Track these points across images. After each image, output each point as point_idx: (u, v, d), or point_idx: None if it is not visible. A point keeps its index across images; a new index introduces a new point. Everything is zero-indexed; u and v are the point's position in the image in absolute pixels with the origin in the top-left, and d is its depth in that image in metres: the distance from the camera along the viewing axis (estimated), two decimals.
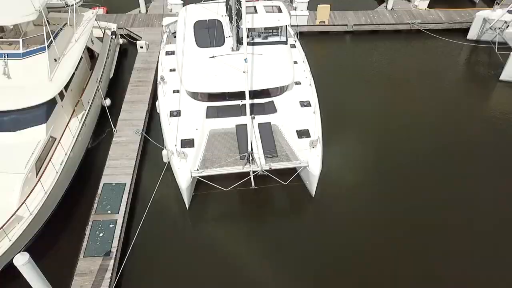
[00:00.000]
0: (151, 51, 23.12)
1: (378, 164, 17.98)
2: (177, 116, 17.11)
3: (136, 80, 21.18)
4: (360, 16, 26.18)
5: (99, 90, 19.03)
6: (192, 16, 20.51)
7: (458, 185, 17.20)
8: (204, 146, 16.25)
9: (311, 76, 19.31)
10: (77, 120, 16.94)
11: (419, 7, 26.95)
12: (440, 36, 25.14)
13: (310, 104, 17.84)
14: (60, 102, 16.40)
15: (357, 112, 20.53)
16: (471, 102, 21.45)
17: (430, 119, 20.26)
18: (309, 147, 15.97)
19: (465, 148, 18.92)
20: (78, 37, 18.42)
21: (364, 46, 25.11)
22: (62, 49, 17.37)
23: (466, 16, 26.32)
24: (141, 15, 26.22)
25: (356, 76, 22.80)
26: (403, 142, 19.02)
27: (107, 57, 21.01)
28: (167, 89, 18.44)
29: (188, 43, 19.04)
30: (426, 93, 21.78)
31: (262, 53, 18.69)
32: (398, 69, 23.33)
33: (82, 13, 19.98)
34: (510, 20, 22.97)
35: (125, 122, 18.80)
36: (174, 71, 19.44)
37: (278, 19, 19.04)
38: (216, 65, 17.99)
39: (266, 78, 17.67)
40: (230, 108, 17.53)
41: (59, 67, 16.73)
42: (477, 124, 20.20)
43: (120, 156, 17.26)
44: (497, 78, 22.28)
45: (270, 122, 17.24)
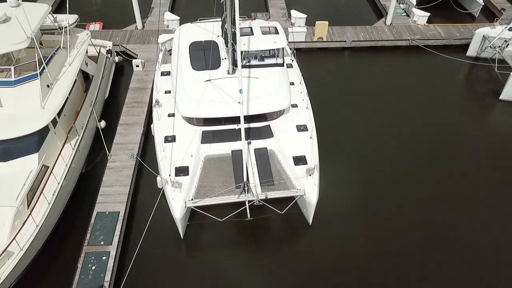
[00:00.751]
0: (147, 69, 22.86)
1: (376, 190, 17.72)
2: (171, 141, 16.86)
3: (131, 101, 20.93)
4: (359, 32, 25.91)
5: (93, 113, 18.80)
6: (188, 37, 20.26)
7: (457, 211, 16.98)
8: (199, 173, 16.00)
9: (308, 99, 19.05)
10: (70, 146, 16.68)
11: (418, 23, 26.65)
12: (440, 52, 24.84)
13: (307, 129, 17.58)
14: (53, 129, 16.14)
15: (354, 134, 20.25)
16: (471, 121, 21.18)
17: (429, 140, 19.99)
18: (306, 175, 15.76)
19: (465, 169, 18.71)
20: (72, 60, 18.15)
21: (362, 63, 24.84)
22: (55, 74, 17.11)
23: (465, 32, 26.05)
24: (138, 31, 25.96)
25: (354, 94, 22.51)
26: (401, 165, 18.75)
27: (102, 77, 20.75)
28: (162, 112, 18.19)
29: (183, 66, 18.77)
30: (425, 113, 21.49)
31: (258, 76, 18.43)
32: (397, 87, 23.04)
33: (77, 34, 19.70)
34: (510, 38, 22.70)
35: (119, 146, 18.56)
36: (169, 93, 19.21)
37: (274, 41, 18.78)
38: (212, 89, 17.76)
39: (262, 103, 17.40)
40: (225, 133, 17.29)
41: (52, 93, 16.48)
42: (477, 144, 19.95)
43: (114, 183, 17.02)
44: (496, 97, 21.99)
45: (267, 147, 16.99)
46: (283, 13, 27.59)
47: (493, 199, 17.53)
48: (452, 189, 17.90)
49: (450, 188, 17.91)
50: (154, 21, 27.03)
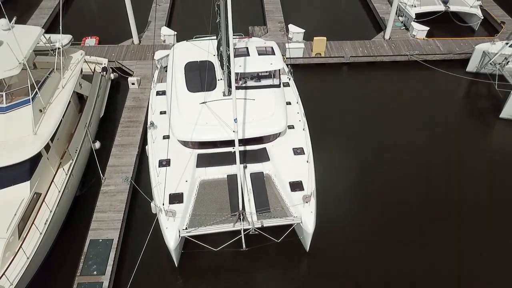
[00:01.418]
0: (143, 87, 22.62)
1: (375, 215, 17.44)
2: (166, 166, 16.58)
3: (126, 120, 20.68)
4: (357, 47, 25.64)
5: (87, 134, 18.56)
6: (183, 56, 19.98)
7: (456, 232, 16.77)
8: (193, 200, 15.72)
9: (304, 119, 18.77)
10: (63, 172, 16.43)
11: (417, 37, 26.38)
12: (439, 67, 24.57)
13: (303, 152, 17.30)
14: (46, 154, 15.88)
15: (351, 154, 19.99)
16: (470, 139, 20.91)
17: (428, 159, 19.77)
18: (303, 202, 15.49)
19: (464, 187, 18.54)
20: (66, 82, 17.90)
21: (361, 79, 24.55)
22: (48, 98, 16.87)
23: (465, 47, 25.77)
24: (134, 46, 25.70)
25: (351, 113, 22.24)
26: (401, 188, 18.48)
27: (97, 97, 20.50)
28: (156, 134, 17.91)
29: (178, 87, 18.49)
30: (425, 131, 21.24)
31: (255, 97, 18.14)
32: (396, 104, 22.76)
33: (71, 55, 19.45)
34: (510, 55, 22.43)
35: (114, 169, 18.30)
36: (164, 114, 18.96)
37: (270, 63, 18.48)
38: (207, 111, 17.50)
39: (258, 126, 17.10)
40: (221, 156, 17.02)
41: (45, 118, 16.22)
42: (476, 163, 19.73)
43: (108, 208, 16.76)
44: (497, 115, 21.71)
45: (263, 171, 16.74)
46: (280, 27, 27.34)
47: (492, 217, 17.33)
48: (451, 208, 17.68)
49: (449, 207, 17.70)
50: (150, 35, 26.77)
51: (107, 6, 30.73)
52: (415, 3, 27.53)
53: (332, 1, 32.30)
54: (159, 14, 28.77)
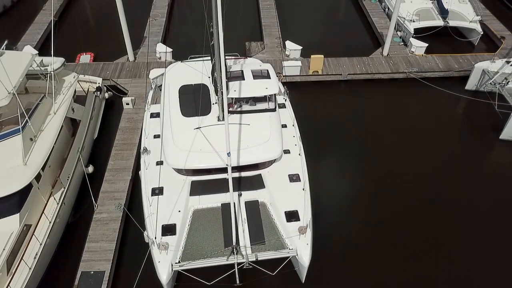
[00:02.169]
0: (137, 107, 22.31)
1: (374, 244, 17.11)
2: (158, 194, 16.26)
3: (120, 143, 20.37)
4: (355, 64, 25.31)
5: (80, 160, 18.25)
6: (178, 79, 19.64)
7: (456, 254, 16.59)
8: (186, 231, 15.36)
9: (300, 144, 18.44)
10: (55, 201, 16.13)
11: (416, 53, 26.07)
12: (438, 85, 24.19)
13: (299, 179, 16.97)
14: (36, 184, 15.56)
15: (349, 178, 19.66)
16: (470, 160, 20.60)
17: (427, 181, 19.52)
18: (298, 233, 15.18)
19: (463, 208, 18.33)
20: (58, 107, 17.59)
21: (358, 96, 24.23)
22: (39, 125, 16.55)
23: (464, 63, 25.44)
24: (129, 63, 25.39)
25: (349, 133, 21.92)
26: (400, 215, 18.15)
27: (90, 119, 20.20)
28: (150, 160, 17.60)
29: (172, 112, 18.17)
30: (423, 151, 20.93)
31: (250, 122, 17.81)
32: (394, 123, 22.44)
33: (63, 78, 19.14)
34: (510, 73, 22.10)
35: (107, 195, 17.98)
36: (158, 138, 18.65)
37: (266, 87, 18.16)
38: (201, 137, 17.20)
39: (253, 152, 16.75)
40: (215, 183, 16.69)
41: (36, 147, 15.90)
42: (474, 183, 19.49)
43: (100, 237, 16.44)
44: (496, 136, 21.39)
45: (258, 199, 16.40)
46: (277, 43, 27.05)
47: (492, 239, 17.17)
48: (449, 230, 17.48)
49: (448, 229, 17.51)
50: (146, 52, 26.43)
51: (102, 21, 30.43)
52: (414, 18, 27.21)
53: (330, 14, 32.07)
54: (155, 29, 28.50)
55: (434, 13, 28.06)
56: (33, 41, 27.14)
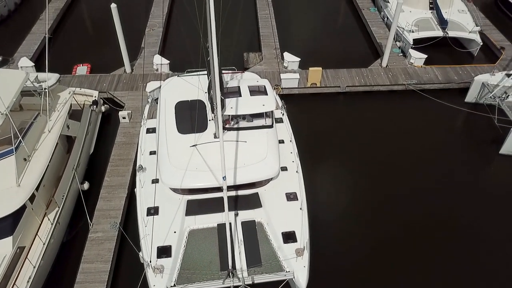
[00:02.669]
0: (134, 121, 22.09)
1: (373, 266, 16.90)
2: (154, 214, 16.07)
3: (116, 158, 20.17)
4: (354, 76, 25.10)
5: (75, 177, 18.05)
6: (174, 95, 19.43)
7: (456, 270, 16.45)
8: (182, 253, 15.13)
9: (298, 160, 18.22)
10: (49, 222, 15.93)
11: (415, 65, 25.86)
12: (437, 97, 23.95)
13: (296, 197, 16.76)
14: (30, 205, 15.36)
15: (347, 195, 19.45)
16: (469, 175, 20.40)
17: (427, 196, 19.35)
18: (295, 255, 14.98)
19: (463, 224, 18.22)
20: (53, 125, 17.39)
21: (357, 109, 24.01)
22: (33, 144, 16.35)
23: (463, 75, 25.22)
24: (126, 75, 25.19)
25: (347, 147, 21.70)
26: (398, 234, 17.93)
27: (86, 134, 20.01)
28: (145, 178, 17.40)
29: (168, 128, 17.97)
30: (422, 165, 20.76)
31: (246, 139, 17.62)
32: (393, 137, 22.21)
33: (58, 94, 18.95)
34: (510, 86, 21.89)
35: (102, 213, 17.77)
36: (154, 154, 18.44)
37: (263, 104, 17.95)
38: (197, 155, 17.00)
39: (250, 171, 16.55)
40: (211, 203, 16.48)
41: (30, 167, 15.70)
42: (474, 199, 19.31)
43: (95, 258, 16.22)
44: (496, 151, 21.17)
45: (255, 219, 16.18)
46: (276, 54, 26.81)
47: (492, 254, 17.04)
48: (449, 245, 17.36)
49: (447, 244, 17.39)
50: (143, 63, 26.19)
51: (99, 32, 30.16)
52: (413, 29, 26.99)
53: (329, 23, 31.82)
54: (152, 39, 28.27)
55: (433, 23, 27.84)
56: (29, 52, 26.94)
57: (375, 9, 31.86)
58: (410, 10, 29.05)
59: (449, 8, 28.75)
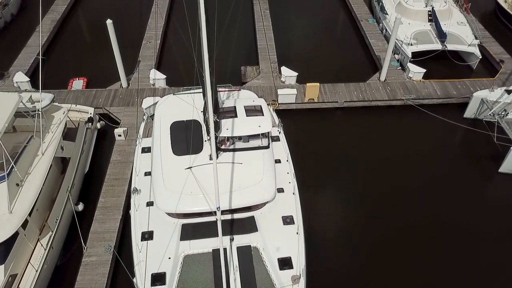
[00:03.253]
0: (130, 138, 21.87)
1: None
2: (148, 239, 15.87)
3: (112, 178, 19.95)
4: (352, 90, 24.89)
5: (69, 199, 17.83)
6: (169, 115, 19.19)
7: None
8: (176, 280, 14.91)
9: (295, 181, 17.99)
10: (42, 247, 15.73)
11: (413, 79, 25.65)
12: (436, 112, 23.68)
13: (293, 221, 16.55)
14: (23, 231, 15.16)
15: (344, 215, 19.25)
16: (468, 193, 20.23)
17: (425, 214, 19.22)
18: (291, 282, 14.78)
19: (461, 242, 18.12)
20: (46, 147, 17.14)
21: (355, 125, 23.80)
22: (26, 169, 16.11)
23: (462, 89, 25.01)
24: (122, 90, 24.97)
25: (344, 164, 21.51)
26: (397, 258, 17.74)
27: (81, 153, 19.78)
28: (140, 201, 17.19)
29: (163, 150, 17.74)
30: (420, 182, 20.65)
31: (242, 161, 17.40)
32: (391, 153, 22.01)
33: (52, 114, 18.70)
34: (509, 103, 21.67)
35: (96, 236, 17.57)
36: (149, 175, 18.21)
37: (259, 125, 17.73)
38: (193, 178, 16.79)
39: (245, 194, 16.33)
40: (207, 226, 16.26)
41: (22, 192, 15.47)
42: (473, 217, 19.16)
43: (88, 283, 15.99)
44: (495, 168, 20.96)
45: (250, 244, 15.94)
46: (273, 68, 26.60)
47: (490, 271, 16.98)
48: (447, 265, 17.21)
49: (445, 264, 17.23)
50: (140, 77, 25.98)
51: (96, 45, 29.85)
52: (412, 42, 26.78)
53: (327, 35, 31.62)
54: (149, 52, 28.00)
55: (432, 36, 27.62)
56: (25, 66, 26.69)
57: (373, 21, 31.68)
58: (409, 22, 28.83)
59: (448, 20, 28.54)
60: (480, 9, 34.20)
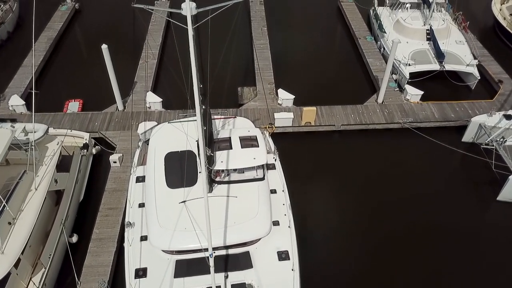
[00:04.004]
0: (125, 164, 21.69)
1: None
2: (142, 276, 15.70)
3: (106, 208, 19.76)
4: (349, 113, 24.71)
5: (63, 232, 17.67)
6: (164, 145, 19.05)
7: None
8: None
9: (290, 213, 17.75)
10: (34, 286, 15.54)
11: (411, 101, 25.47)
12: (434, 136, 23.52)
13: (288, 256, 16.37)
14: (15, 270, 15.00)
15: (341, 246, 19.08)
16: (465, 220, 20.04)
17: (421, 242, 19.08)
18: None
19: (458, 269, 17.97)
20: (40, 182, 16.99)
21: (352, 148, 23.62)
22: (18, 206, 15.92)
23: (460, 112, 24.80)
24: (118, 113, 24.81)
25: (340, 189, 21.38)
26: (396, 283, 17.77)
27: (76, 182, 19.64)
28: (134, 235, 17.03)
29: (157, 182, 17.58)
30: (417, 208, 20.53)
31: (237, 194, 17.27)
32: (388, 178, 21.86)
33: (46, 145, 18.55)
34: (507, 128, 21.45)
35: (90, 270, 17.36)
36: (143, 207, 18.05)
37: (254, 157, 17.60)
38: (186, 213, 16.63)
39: (240, 230, 16.20)
40: (201, 262, 16.06)
41: (15, 231, 15.28)
42: (470, 245, 18.98)
43: None
44: (494, 196, 20.71)
45: (245, 282, 15.81)
46: (270, 89, 26.40)
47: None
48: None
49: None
50: (135, 100, 25.81)
51: (92, 66, 29.53)
52: (410, 62, 26.57)
53: (325, 53, 31.43)
54: (145, 73, 27.75)
55: (430, 55, 27.40)
56: (21, 88, 26.54)
57: (371, 38, 31.48)
58: (407, 40, 28.63)
59: (447, 39, 28.33)
60: (479, 25, 34.04)
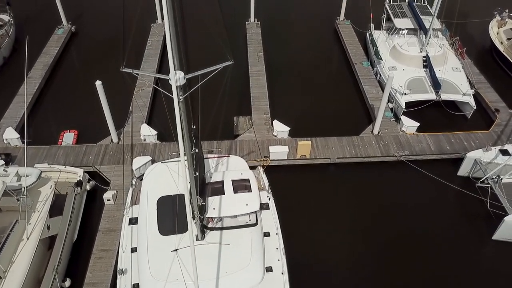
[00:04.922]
0: (119, 202, 21.62)
1: None
2: None
3: (100, 249, 19.64)
4: (344, 145, 24.62)
5: (56, 278, 17.62)
6: (157, 187, 18.98)
7: None
8: None
9: (284, 259, 17.64)
10: None
11: (407, 132, 25.36)
12: (430, 169, 23.34)
13: None
14: None
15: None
16: (460, 259, 19.86)
17: (417, 279, 18.88)
18: None
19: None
20: (32, 230, 16.91)
21: (347, 181, 23.50)
22: (9, 258, 15.83)
23: (456, 144, 24.69)
24: (113, 145, 24.72)
25: (336, 224, 21.26)
26: None
27: (69, 223, 19.55)
28: (126, 282, 16.93)
29: (150, 229, 17.53)
30: (411, 243, 20.35)
31: (229, 242, 17.19)
32: (383, 213, 21.73)
33: (39, 189, 18.50)
34: (503, 165, 21.34)
35: None
36: (135, 252, 17.96)
37: (246, 203, 17.50)
38: (178, 263, 16.54)
39: (232, 281, 16.12)
40: None
41: (5, 285, 15.23)
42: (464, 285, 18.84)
43: None
44: (489, 234, 20.55)
45: None
46: (266, 119, 26.32)
47: None
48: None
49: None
50: (130, 131, 25.69)
51: (86, 96, 29.28)
52: (406, 91, 26.45)
53: (321, 79, 31.31)
54: (141, 102, 27.57)
55: (426, 84, 27.23)
56: (16, 118, 26.50)
57: (368, 64, 31.34)
58: (403, 68, 28.51)
59: (443, 66, 28.20)
60: (476, 49, 33.88)
